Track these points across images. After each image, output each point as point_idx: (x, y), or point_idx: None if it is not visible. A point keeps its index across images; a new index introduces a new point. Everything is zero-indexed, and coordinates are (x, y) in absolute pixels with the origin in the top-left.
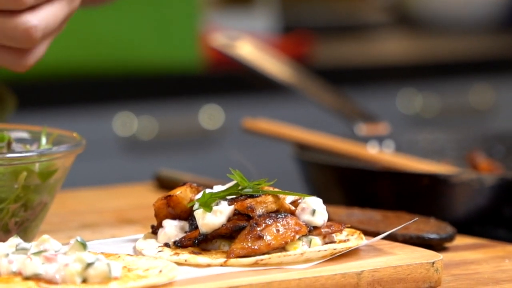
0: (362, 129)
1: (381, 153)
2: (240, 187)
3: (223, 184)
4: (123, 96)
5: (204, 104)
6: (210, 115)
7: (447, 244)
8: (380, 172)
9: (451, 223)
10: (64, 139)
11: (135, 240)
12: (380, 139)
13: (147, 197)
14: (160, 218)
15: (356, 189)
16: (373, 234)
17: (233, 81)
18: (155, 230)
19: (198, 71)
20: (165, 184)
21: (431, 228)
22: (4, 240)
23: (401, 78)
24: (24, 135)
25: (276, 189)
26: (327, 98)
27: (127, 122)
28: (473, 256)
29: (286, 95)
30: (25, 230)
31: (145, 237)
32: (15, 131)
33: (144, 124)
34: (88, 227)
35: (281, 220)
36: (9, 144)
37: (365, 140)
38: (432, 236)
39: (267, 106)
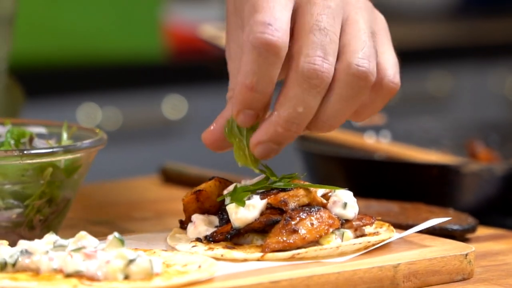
0: None
1: (379, 143)
2: (270, 181)
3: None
4: (87, 87)
5: (167, 94)
6: (173, 105)
7: (469, 235)
8: (386, 163)
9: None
10: (83, 133)
11: (163, 235)
12: (376, 129)
13: (155, 190)
14: (189, 213)
15: (361, 179)
16: (395, 226)
17: (195, 71)
18: (183, 225)
19: (161, 61)
20: (171, 178)
21: (452, 219)
22: (29, 237)
23: None
24: (41, 130)
25: (306, 183)
26: None
27: (91, 113)
28: (497, 247)
29: None
30: (49, 227)
31: (174, 232)
32: (32, 125)
33: (108, 114)
34: (104, 222)
35: (314, 213)
36: (31, 140)
37: (362, 130)
38: (455, 227)
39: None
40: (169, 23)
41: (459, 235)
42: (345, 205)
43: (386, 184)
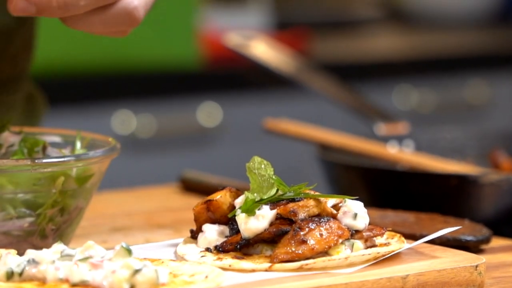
0: (382, 128)
1: (402, 153)
2: (281, 192)
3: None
4: (122, 94)
5: (202, 102)
6: (209, 113)
7: (483, 246)
8: (407, 173)
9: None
10: (97, 142)
11: (174, 245)
12: (399, 139)
13: (173, 199)
14: (199, 223)
15: (382, 189)
16: (409, 236)
17: (231, 78)
18: (194, 235)
19: (196, 69)
20: (190, 186)
21: (466, 229)
22: (41, 246)
23: (397, 74)
24: (56, 139)
25: (316, 193)
26: (345, 97)
27: (125, 120)
28: (510, 259)
29: (289, 93)
30: (61, 235)
31: (185, 242)
32: (47, 135)
33: (143, 122)
34: (119, 230)
35: (324, 224)
36: (44, 149)
37: (384, 139)
38: (469, 238)
39: (265, 103)
40: (205, 30)
41: (473, 246)
42: (355, 215)
43: (406, 194)
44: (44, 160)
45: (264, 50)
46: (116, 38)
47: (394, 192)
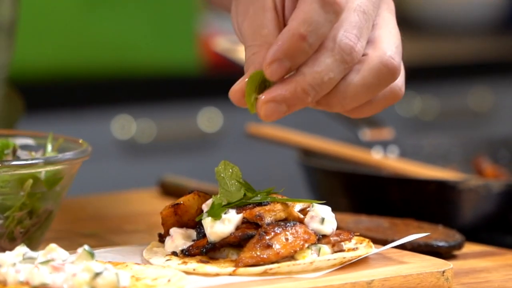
0: (366, 134)
1: (386, 159)
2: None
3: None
4: (122, 99)
5: (202, 107)
6: (209, 118)
7: (456, 252)
8: (387, 178)
9: (459, 230)
10: (69, 145)
11: (143, 249)
12: (384, 144)
13: (151, 203)
14: (167, 227)
15: (362, 195)
16: (382, 241)
17: (231, 83)
18: (162, 239)
19: (197, 74)
20: (170, 191)
21: (439, 235)
22: (9, 248)
23: None
24: (28, 141)
25: (284, 197)
26: None
27: (125, 125)
28: (482, 264)
29: None
30: (30, 238)
31: (152, 246)
32: (20, 137)
33: (143, 127)
34: (94, 235)
35: (290, 228)
36: (14, 151)
37: (369, 145)
38: (441, 243)
39: None
40: (206, 35)
41: (445, 252)
42: (322, 220)
43: (386, 200)
44: (13, 163)
45: None
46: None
47: (374, 197)
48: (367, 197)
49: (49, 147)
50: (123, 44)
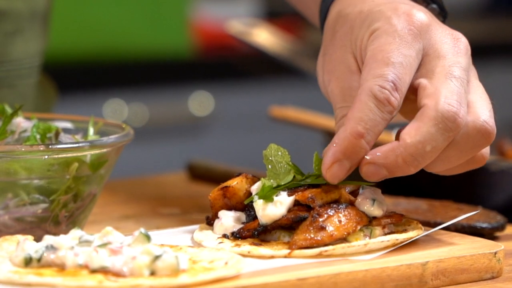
0: None
1: None
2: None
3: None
4: (114, 83)
5: (194, 91)
6: (200, 102)
7: (498, 233)
8: None
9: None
10: (109, 128)
11: (187, 231)
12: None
13: (181, 187)
14: (215, 209)
15: (391, 177)
16: (423, 223)
17: (223, 67)
18: (210, 221)
19: (188, 58)
20: (197, 174)
21: (480, 217)
22: (54, 232)
23: None
24: (67, 125)
25: None
26: None
27: (117, 109)
28: None
29: (286, 81)
30: (74, 222)
31: (201, 228)
32: (58, 121)
33: (135, 111)
34: (130, 217)
35: (342, 210)
36: (56, 135)
37: (389, 127)
38: (484, 225)
39: (257, 92)
40: (197, 19)
41: (488, 233)
42: (373, 202)
43: (415, 181)
44: (59, 146)
45: (266, 37)
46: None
47: (403, 179)
48: (395, 179)
49: (91, 131)
50: (115, 29)
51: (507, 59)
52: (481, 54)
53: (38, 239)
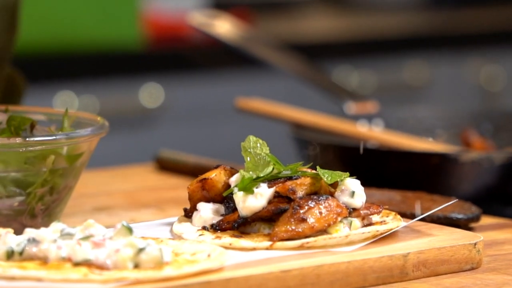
0: (351, 107)
1: (372, 131)
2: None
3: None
4: (64, 75)
5: (144, 82)
6: (150, 94)
7: (473, 224)
8: (386, 152)
9: None
10: (83, 121)
11: (164, 224)
12: (369, 118)
13: (150, 179)
14: (194, 202)
15: (359, 168)
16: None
17: (173, 59)
18: (188, 214)
19: (139, 50)
20: (166, 165)
21: (455, 208)
22: (30, 225)
23: (336, 55)
24: (40, 117)
25: (313, 171)
26: (313, 76)
27: (68, 101)
28: (502, 236)
29: (245, 72)
30: (50, 215)
31: (180, 221)
32: (31, 113)
33: (85, 102)
34: (103, 210)
35: (323, 202)
36: (32, 127)
37: (354, 118)
38: (460, 216)
39: (207, 84)
40: (148, 11)
41: (463, 224)
42: (353, 193)
43: (384, 172)
44: (35, 139)
45: (228, 29)
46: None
47: (372, 170)
48: (363, 170)
49: (66, 123)
50: (65, 20)
51: (454, 50)
52: (429, 45)
53: (14, 232)
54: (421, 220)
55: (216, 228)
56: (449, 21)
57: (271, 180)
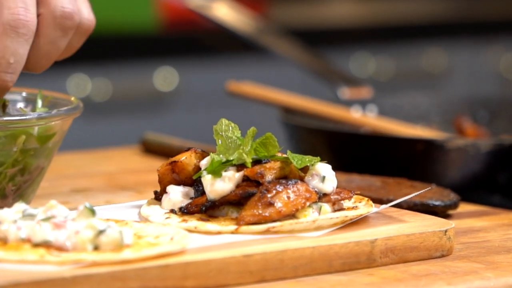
0: (345, 93)
1: (365, 117)
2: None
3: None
4: (77, 58)
5: (158, 66)
6: (164, 77)
7: (451, 211)
8: (373, 137)
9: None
10: (59, 101)
11: (137, 206)
12: (363, 103)
13: (134, 161)
14: (164, 184)
15: (346, 153)
16: (376, 201)
17: (187, 43)
18: (158, 196)
19: (153, 33)
20: (151, 148)
21: (434, 194)
22: (0, 206)
23: (355, 41)
24: (16, 97)
25: (284, 155)
26: (309, 61)
27: (80, 84)
28: (479, 224)
29: (249, 56)
30: (21, 195)
31: (149, 203)
32: (8, 93)
33: (98, 85)
34: (80, 192)
35: (291, 186)
36: (4, 107)
37: (348, 104)
38: (437, 203)
39: (222, 68)
40: None
41: (441, 211)
42: (323, 178)
43: (371, 158)
44: (5, 118)
45: (226, 12)
46: None
47: (359, 156)
48: (351, 155)
49: (39, 103)
50: None
51: (474, 38)
52: (448, 32)
53: None
54: (397, 206)
55: (184, 211)
56: (469, 8)
57: (240, 164)
